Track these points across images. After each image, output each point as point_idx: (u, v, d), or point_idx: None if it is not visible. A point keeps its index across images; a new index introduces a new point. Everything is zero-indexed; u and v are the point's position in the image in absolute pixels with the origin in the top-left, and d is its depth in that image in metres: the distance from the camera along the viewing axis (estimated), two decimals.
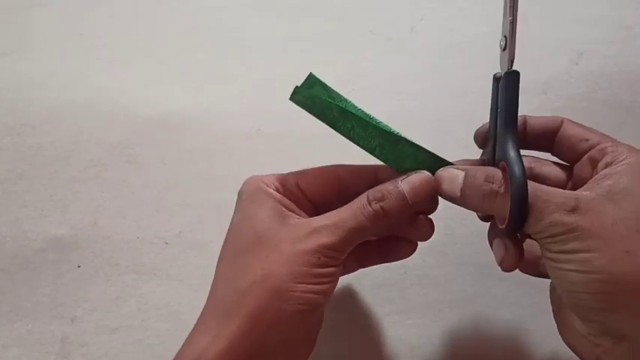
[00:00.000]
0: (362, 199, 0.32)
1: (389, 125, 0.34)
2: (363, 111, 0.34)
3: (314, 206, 0.35)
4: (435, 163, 0.33)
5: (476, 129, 0.36)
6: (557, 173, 0.34)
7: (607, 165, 0.30)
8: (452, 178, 0.32)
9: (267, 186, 0.34)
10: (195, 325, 0.32)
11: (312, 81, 0.35)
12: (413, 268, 0.42)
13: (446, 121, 0.47)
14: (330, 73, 0.49)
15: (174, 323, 0.41)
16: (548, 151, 0.35)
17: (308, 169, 0.35)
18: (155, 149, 0.46)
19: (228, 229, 0.34)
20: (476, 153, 0.46)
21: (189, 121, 0.47)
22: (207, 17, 0.52)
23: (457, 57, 0.50)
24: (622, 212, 0.28)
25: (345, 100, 0.35)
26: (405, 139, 0.33)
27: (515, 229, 0.30)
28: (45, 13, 0.51)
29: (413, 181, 0.33)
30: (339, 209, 0.32)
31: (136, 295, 0.42)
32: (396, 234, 0.36)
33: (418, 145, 0.33)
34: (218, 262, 0.34)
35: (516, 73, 0.32)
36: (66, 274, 0.42)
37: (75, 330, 0.41)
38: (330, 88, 0.35)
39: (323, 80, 0.35)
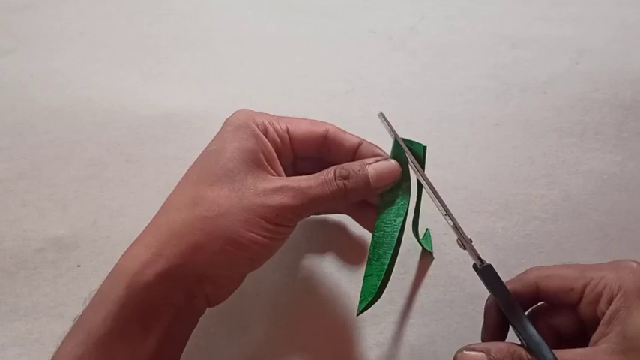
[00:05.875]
0: (330, 172, 0.33)
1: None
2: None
3: (294, 157, 0.35)
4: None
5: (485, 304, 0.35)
6: (564, 274, 0.33)
7: (609, 302, 0.30)
8: None
9: (257, 125, 0.33)
10: (136, 239, 0.32)
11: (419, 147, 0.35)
12: (413, 268, 0.42)
13: (446, 121, 0.47)
14: (330, 72, 0.50)
15: None
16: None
17: (301, 118, 0.35)
18: (155, 149, 0.46)
19: (201, 154, 0.34)
20: (475, 152, 0.46)
21: (189, 121, 0.47)
22: (207, 17, 0.52)
23: (457, 57, 0.50)
24: None
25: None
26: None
27: None
28: (45, 12, 0.51)
29: (380, 168, 0.33)
30: (308, 177, 0.33)
31: None
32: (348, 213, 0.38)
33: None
34: (180, 181, 0.34)
35: (489, 267, 0.32)
36: (66, 273, 0.42)
37: None
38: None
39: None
